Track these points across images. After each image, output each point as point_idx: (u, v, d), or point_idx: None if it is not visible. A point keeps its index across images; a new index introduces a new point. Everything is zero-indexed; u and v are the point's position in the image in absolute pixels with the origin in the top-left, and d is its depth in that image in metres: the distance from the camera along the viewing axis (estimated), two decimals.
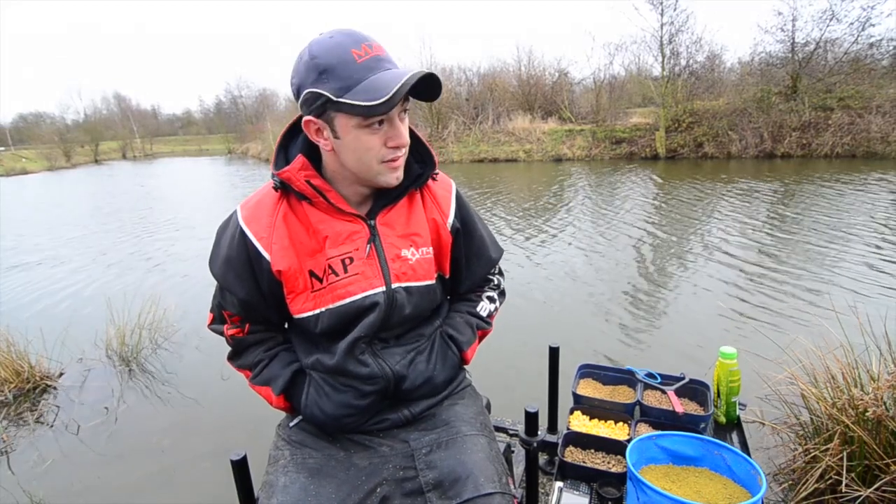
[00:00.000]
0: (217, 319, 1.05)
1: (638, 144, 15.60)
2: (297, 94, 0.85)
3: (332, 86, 0.80)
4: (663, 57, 15.75)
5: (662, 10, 15.41)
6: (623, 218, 7.43)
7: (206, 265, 1.01)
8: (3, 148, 41.08)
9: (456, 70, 21.69)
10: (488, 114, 19.22)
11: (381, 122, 0.85)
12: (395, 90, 0.77)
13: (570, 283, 4.76)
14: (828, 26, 13.73)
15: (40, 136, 40.32)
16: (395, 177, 0.91)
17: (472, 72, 21.64)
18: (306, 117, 0.87)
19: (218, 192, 15.13)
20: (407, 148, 0.92)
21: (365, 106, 0.79)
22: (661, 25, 15.56)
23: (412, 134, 0.99)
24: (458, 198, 1.07)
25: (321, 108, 0.83)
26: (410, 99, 0.87)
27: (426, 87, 0.84)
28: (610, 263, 5.29)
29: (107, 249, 7.49)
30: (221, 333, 1.04)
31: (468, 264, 1.10)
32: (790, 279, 4.41)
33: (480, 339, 1.13)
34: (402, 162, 0.91)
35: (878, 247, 5.12)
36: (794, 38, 14.31)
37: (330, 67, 0.80)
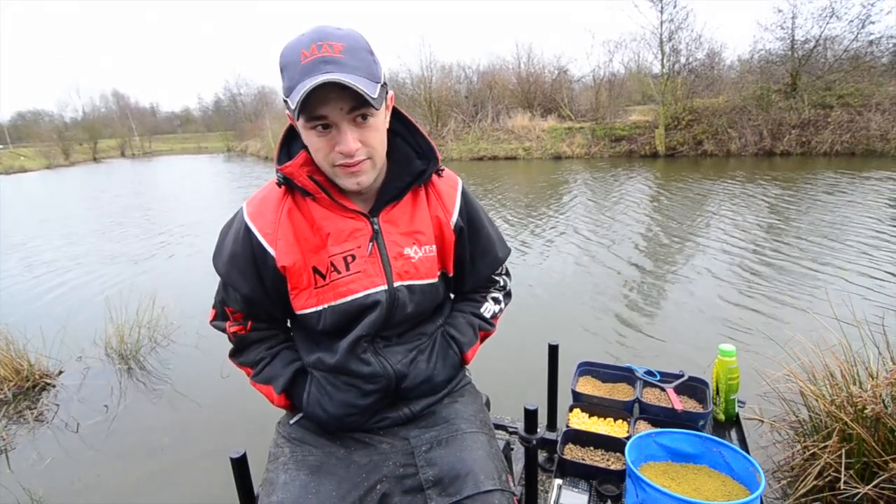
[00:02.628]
0: (219, 316, 1.04)
1: (637, 142, 15.59)
2: None
3: (284, 84, 0.82)
4: (663, 54, 15.73)
5: (662, 7, 15.40)
6: (622, 216, 7.43)
7: (205, 263, 1.00)
8: (1, 146, 40.97)
9: (455, 67, 21.69)
10: (488, 111, 19.21)
11: (326, 126, 0.83)
12: (297, 98, 0.77)
13: (569, 281, 4.77)
14: (828, 24, 13.74)
15: (39, 134, 40.17)
16: (354, 182, 0.88)
17: (471, 69, 21.66)
18: (287, 111, 0.89)
19: (217, 191, 15.10)
20: (373, 154, 0.87)
21: (291, 108, 0.79)
22: (661, 23, 15.55)
23: (413, 129, 0.99)
24: (464, 195, 1.05)
25: (285, 104, 0.85)
26: (379, 105, 0.83)
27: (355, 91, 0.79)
28: (609, 261, 5.29)
29: (105, 248, 7.48)
30: (223, 330, 1.04)
31: (473, 263, 1.09)
32: (789, 277, 4.42)
33: (482, 340, 1.12)
34: (362, 168, 0.87)
35: (876, 245, 5.13)
36: (793, 36, 14.31)
37: (284, 66, 0.82)
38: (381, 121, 0.88)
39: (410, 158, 0.98)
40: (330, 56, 0.79)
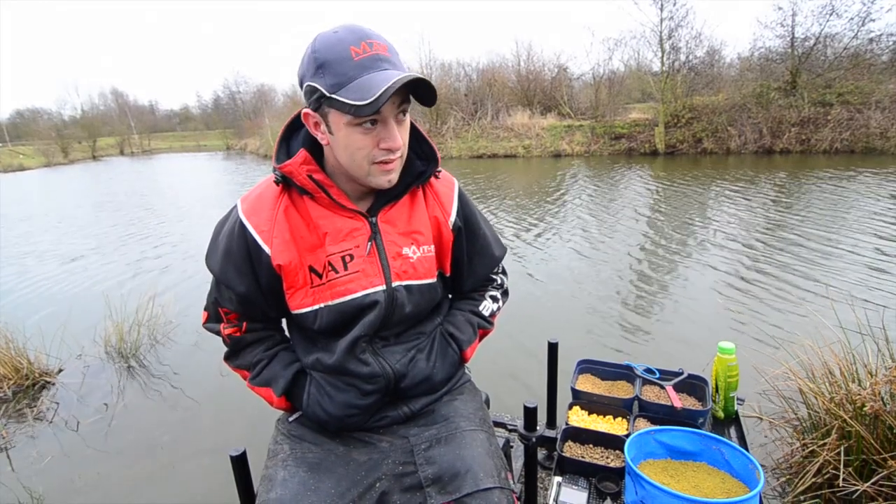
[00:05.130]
0: (212, 318, 1.03)
1: (637, 140, 15.58)
2: (300, 85, 0.86)
3: (327, 81, 0.80)
4: (663, 52, 15.71)
5: (662, 4, 15.37)
6: (621, 214, 7.43)
7: (204, 262, 1.00)
8: (0, 144, 40.90)
9: (455, 65, 21.67)
10: (487, 109, 19.18)
11: (373, 123, 0.83)
12: (380, 92, 0.76)
13: (568, 279, 4.77)
14: (828, 21, 13.72)
15: (37, 132, 39.98)
16: (386, 179, 0.89)
17: (470, 67, 21.62)
18: (305, 110, 0.88)
19: (217, 188, 15.09)
20: (403, 151, 0.90)
21: (352, 105, 0.78)
22: (661, 20, 15.52)
23: (415, 130, 0.99)
24: (461, 196, 1.06)
25: (317, 102, 0.84)
26: (412, 101, 0.86)
27: (426, 89, 0.83)
28: (608, 259, 5.29)
29: (105, 247, 7.48)
30: (217, 333, 1.02)
31: (471, 263, 1.09)
32: (788, 274, 4.42)
33: (481, 338, 1.12)
34: (396, 166, 0.89)
35: (875, 243, 5.13)
36: (793, 34, 14.28)
37: (327, 63, 0.80)
38: (409, 119, 0.91)
39: (411, 159, 0.99)
40: (383, 55, 0.81)
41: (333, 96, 0.80)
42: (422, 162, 1.00)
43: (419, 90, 0.83)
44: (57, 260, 6.73)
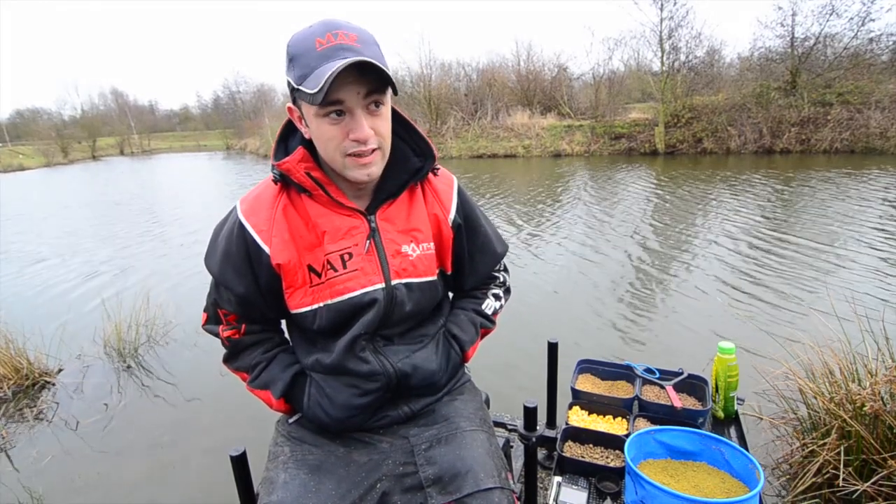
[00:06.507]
0: (212, 319, 1.03)
1: (637, 140, 15.58)
2: None
3: (296, 73, 0.82)
4: (663, 52, 15.70)
5: (662, 4, 15.36)
6: (621, 214, 7.43)
7: (202, 262, 0.99)
8: (0, 144, 40.88)
9: (455, 65, 21.67)
10: (487, 109, 19.18)
11: (339, 113, 0.83)
12: (324, 79, 0.76)
13: (568, 279, 4.77)
14: (828, 21, 13.72)
15: (37, 132, 39.97)
16: (364, 173, 0.87)
17: (470, 67, 21.62)
18: (288, 105, 0.89)
19: (216, 187, 15.09)
20: (382, 144, 0.88)
21: (308, 94, 0.79)
22: (661, 20, 15.52)
23: (409, 126, 0.98)
24: (460, 193, 1.06)
25: (292, 95, 0.85)
26: (388, 92, 0.85)
27: (381, 74, 0.80)
28: (608, 259, 5.29)
29: (104, 246, 7.47)
30: (216, 335, 1.02)
31: (472, 260, 1.08)
32: (788, 274, 4.42)
33: (482, 337, 1.12)
34: (373, 159, 0.87)
35: (875, 242, 5.13)
36: (793, 33, 14.28)
37: (295, 55, 0.82)
38: (388, 111, 0.89)
39: (407, 156, 0.98)
40: (347, 44, 0.80)
41: (299, 87, 0.81)
42: (418, 159, 0.99)
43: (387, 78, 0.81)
44: (56, 260, 6.72)
